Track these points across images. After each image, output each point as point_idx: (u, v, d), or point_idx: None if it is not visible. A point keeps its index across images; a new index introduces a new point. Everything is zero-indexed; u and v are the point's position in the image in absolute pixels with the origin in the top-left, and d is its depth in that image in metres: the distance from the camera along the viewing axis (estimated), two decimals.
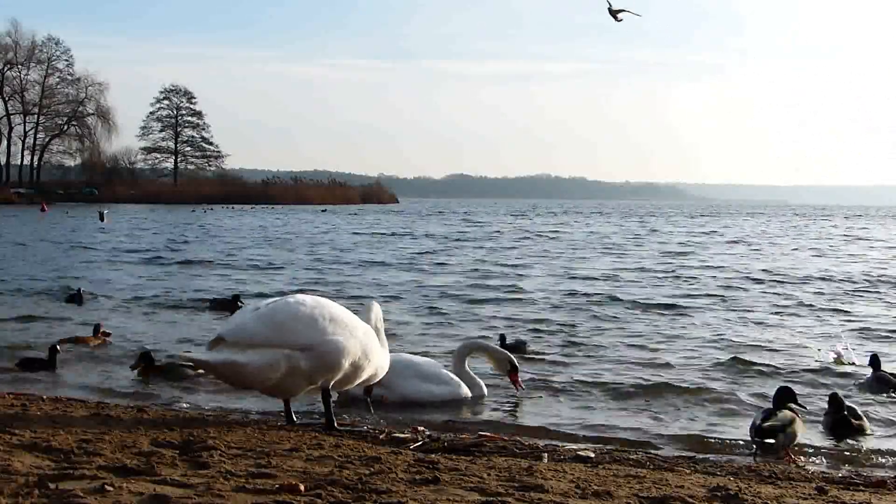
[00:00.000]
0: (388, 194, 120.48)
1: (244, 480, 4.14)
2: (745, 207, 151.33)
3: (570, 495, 4.18)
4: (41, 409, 6.07)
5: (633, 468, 5.17)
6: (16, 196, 79.08)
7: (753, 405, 7.57)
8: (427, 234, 39.61)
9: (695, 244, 33.35)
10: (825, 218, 76.63)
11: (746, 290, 16.96)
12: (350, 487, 4.07)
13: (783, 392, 6.29)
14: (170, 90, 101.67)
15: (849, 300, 15.48)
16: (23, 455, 4.49)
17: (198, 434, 5.26)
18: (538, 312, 13.43)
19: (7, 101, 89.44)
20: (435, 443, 5.72)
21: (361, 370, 5.99)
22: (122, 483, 3.95)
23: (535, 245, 32.06)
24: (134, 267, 20.96)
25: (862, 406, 7.21)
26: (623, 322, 12.53)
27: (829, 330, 11.84)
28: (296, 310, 5.81)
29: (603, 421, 7.03)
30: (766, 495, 4.39)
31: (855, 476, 5.47)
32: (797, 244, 34.01)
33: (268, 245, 29.87)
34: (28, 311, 12.52)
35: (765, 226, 55.48)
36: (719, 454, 6.13)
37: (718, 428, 6.87)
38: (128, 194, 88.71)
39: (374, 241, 33.59)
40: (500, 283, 17.87)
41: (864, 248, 31.36)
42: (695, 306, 14.33)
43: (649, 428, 6.83)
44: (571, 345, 10.49)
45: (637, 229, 48.07)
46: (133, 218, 52.18)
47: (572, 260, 24.63)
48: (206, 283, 17.49)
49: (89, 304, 13.54)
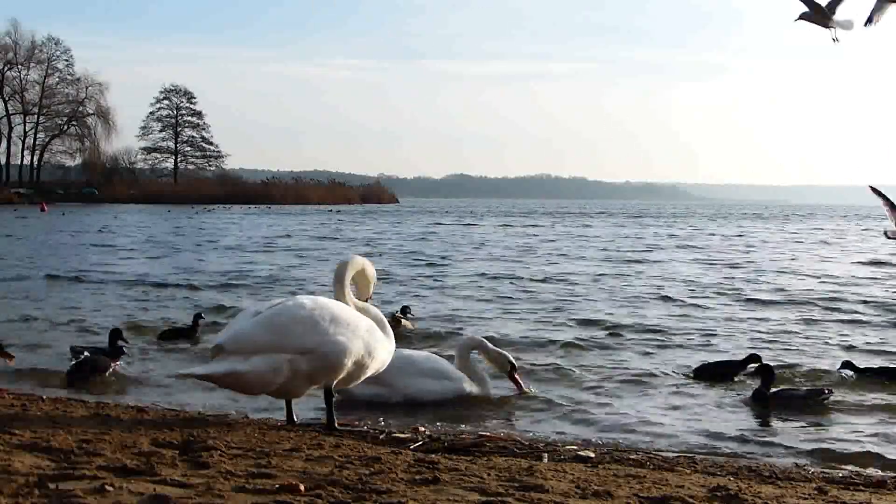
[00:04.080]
0: (388, 194, 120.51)
1: (244, 480, 4.14)
2: (744, 207, 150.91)
3: (570, 495, 4.18)
4: (41, 409, 6.07)
5: (633, 468, 5.17)
6: (16, 196, 79.06)
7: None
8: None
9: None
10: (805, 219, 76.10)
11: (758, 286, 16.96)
12: (350, 487, 4.07)
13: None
14: (170, 90, 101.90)
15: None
16: (23, 455, 4.49)
17: (198, 434, 5.26)
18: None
19: (7, 101, 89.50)
20: (435, 443, 5.72)
21: (365, 368, 5.98)
22: (122, 483, 3.95)
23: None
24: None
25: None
26: (623, 322, 12.52)
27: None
28: (296, 312, 5.78)
29: (604, 420, 7.03)
30: (766, 495, 4.39)
31: (855, 476, 5.47)
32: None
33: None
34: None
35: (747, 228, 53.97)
36: (719, 454, 6.13)
37: (719, 428, 6.86)
38: (128, 194, 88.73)
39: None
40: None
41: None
42: (701, 304, 14.34)
43: (650, 428, 6.83)
44: (571, 344, 10.49)
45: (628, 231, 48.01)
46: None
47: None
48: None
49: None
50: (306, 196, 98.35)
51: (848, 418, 7.20)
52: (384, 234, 38.88)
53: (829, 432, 6.76)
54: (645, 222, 61.04)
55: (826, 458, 6.08)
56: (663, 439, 6.49)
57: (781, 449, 6.30)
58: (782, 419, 7.15)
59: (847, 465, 5.94)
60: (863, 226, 57.22)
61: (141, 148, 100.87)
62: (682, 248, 31.07)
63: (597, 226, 53.72)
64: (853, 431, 6.80)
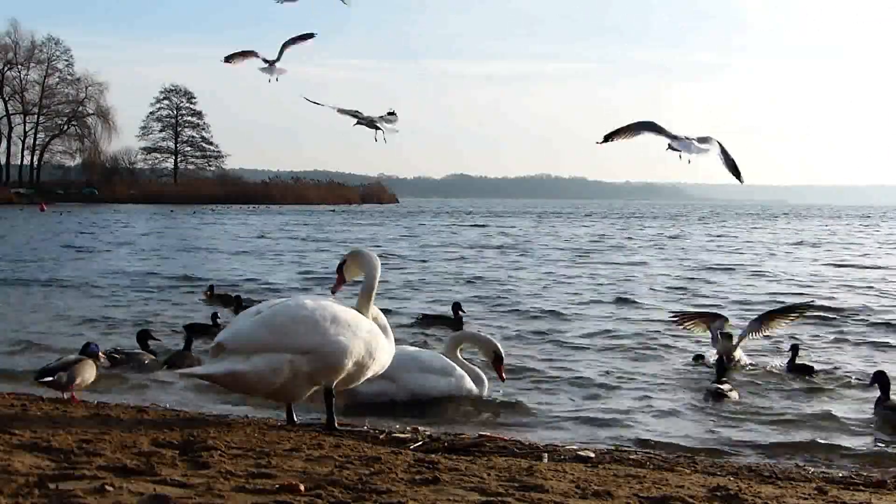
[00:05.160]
0: (388, 194, 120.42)
1: (244, 480, 4.14)
2: (741, 208, 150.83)
3: (570, 495, 4.18)
4: (41, 409, 6.07)
5: (633, 468, 5.17)
6: (16, 196, 78.99)
7: (754, 403, 7.59)
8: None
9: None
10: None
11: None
12: (350, 487, 4.07)
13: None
14: (170, 90, 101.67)
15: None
16: (23, 455, 4.49)
17: (198, 434, 5.26)
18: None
19: (7, 101, 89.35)
20: (435, 443, 5.71)
21: (366, 368, 5.95)
22: (123, 483, 3.95)
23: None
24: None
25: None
26: (620, 320, 12.53)
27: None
28: (297, 312, 5.77)
29: (604, 420, 7.03)
30: (766, 495, 4.39)
31: (855, 476, 5.47)
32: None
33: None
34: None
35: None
36: (719, 454, 6.12)
37: (719, 428, 6.86)
38: (128, 194, 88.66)
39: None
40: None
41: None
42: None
43: (650, 428, 6.83)
44: (567, 344, 10.49)
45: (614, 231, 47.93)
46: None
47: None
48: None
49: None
50: (306, 196, 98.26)
51: (848, 418, 7.20)
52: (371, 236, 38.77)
53: (830, 432, 6.76)
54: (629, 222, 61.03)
55: (826, 458, 6.09)
56: (663, 439, 6.49)
57: (781, 449, 6.30)
58: (782, 419, 7.16)
59: (847, 465, 5.94)
60: (852, 226, 57.06)
61: (141, 148, 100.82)
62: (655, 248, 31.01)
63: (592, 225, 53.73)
64: (854, 430, 6.80)
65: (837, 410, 7.40)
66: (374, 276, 6.15)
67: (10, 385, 7.63)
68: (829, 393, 8.18)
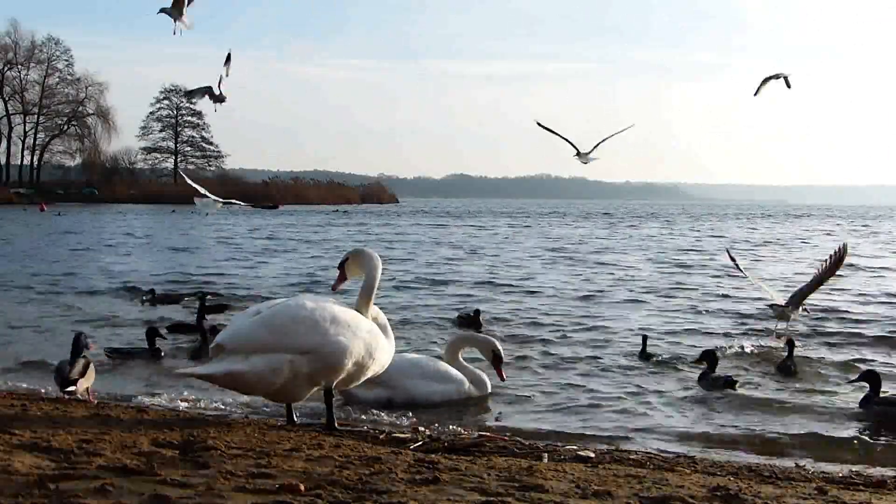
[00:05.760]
0: (388, 194, 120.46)
1: (244, 480, 4.13)
2: (740, 208, 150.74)
3: (570, 495, 4.18)
4: (41, 409, 6.06)
5: (633, 468, 5.17)
6: (16, 196, 78.97)
7: (754, 404, 7.59)
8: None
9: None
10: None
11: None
12: (350, 487, 4.07)
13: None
14: (170, 90, 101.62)
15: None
16: (23, 455, 4.48)
17: (198, 434, 5.26)
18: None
19: (7, 101, 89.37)
20: (435, 443, 5.71)
21: (366, 369, 5.95)
22: (123, 483, 3.95)
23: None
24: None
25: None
26: (620, 320, 12.53)
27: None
28: (296, 312, 5.76)
29: (604, 421, 7.03)
30: (766, 495, 4.38)
31: (855, 476, 5.47)
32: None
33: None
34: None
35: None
36: (719, 454, 6.12)
37: (719, 428, 6.86)
38: (128, 194, 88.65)
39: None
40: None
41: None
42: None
43: (650, 427, 6.83)
44: (565, 342, 10.49)
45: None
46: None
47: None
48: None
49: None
50: (306, 196, 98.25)
51: (848, 417, 7.20)
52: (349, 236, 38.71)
53: (830, 432, 6.76)
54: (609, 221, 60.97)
55: (826, 458, 6.09)
56: (663, 439, 6.50)
57: (781, 449, 6.31)
58: (783, 419, 7.15)
59: (847, 465, 5.94)
60: (844, 227, 56.92)
61: (141, 148, 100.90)
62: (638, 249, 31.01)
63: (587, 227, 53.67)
64: (852, 431, 6.80)
65: (837, 411, 7.41)
66: (374, 276, 6.14)
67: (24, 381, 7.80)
68: (828, 392, 8.17)
